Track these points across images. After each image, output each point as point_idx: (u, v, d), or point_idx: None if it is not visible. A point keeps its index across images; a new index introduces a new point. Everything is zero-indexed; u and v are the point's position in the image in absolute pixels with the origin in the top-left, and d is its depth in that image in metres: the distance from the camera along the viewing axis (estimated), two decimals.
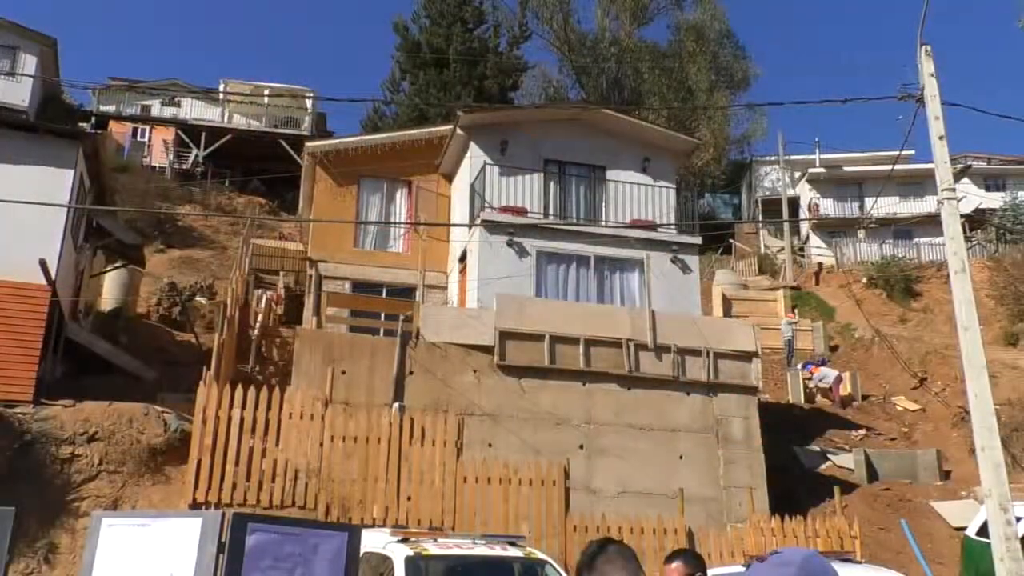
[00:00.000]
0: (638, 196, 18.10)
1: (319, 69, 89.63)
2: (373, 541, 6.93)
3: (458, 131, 18.07)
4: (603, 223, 17.72)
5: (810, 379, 21.09)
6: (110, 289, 18.67)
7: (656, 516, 12.63)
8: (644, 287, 17.01)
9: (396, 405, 12.91)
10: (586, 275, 16.92)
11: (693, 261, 17.63)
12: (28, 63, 28.53)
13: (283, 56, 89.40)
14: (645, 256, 17.15)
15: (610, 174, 18.37)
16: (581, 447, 13.80)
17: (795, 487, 15.42)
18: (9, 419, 11.36)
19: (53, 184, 13.25)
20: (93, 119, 32.41)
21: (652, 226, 17.47)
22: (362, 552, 5.65)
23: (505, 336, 14.17)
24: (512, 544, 7.41)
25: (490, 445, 13.29)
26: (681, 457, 14.24)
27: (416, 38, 33.14)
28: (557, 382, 14.15)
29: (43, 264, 12.53)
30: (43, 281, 12.67)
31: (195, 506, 10.67)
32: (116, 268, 18.51)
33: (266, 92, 33.78)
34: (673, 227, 17.93)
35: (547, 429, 13.77)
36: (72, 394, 12.77)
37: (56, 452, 11.34)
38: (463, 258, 17.69)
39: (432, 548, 6.89)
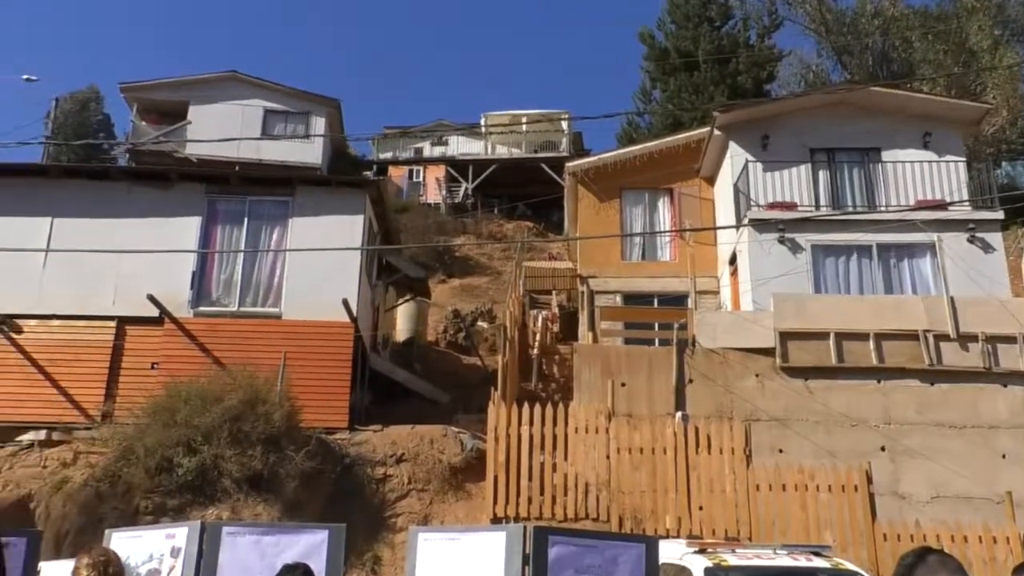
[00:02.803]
0: (921, 174, 16.64)
1: (571, 90, 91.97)
2: (669, 552, 6.88)
3: (715, 132, 17.68)
4: (883, 208, 16.48)
5: None
6: (402, 320, 20.25)
7: (981, 522, 11.42)
8: (938, 272, 15.58)
9: (679, 414, 12.80)
10: (869, 265, 15.83)
11: (995, 238, 15.88)
12: (318, 125, 31.89)
13: (537, 83, 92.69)
14: (936, 239, 15.71)
15: (886, 155, 17.07)
16: (882, 449, 12.85)
17: None
18: (331, 445, 12.67)
19: (348, 230, 14.66)
20: (374, 167, 35.48)
21: (941, 205, 15.96)
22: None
23: (786, 337, 13.58)
24: (817, 554, 7.03)
25: (780, 451, 12.77)
26: (1004, 456, 12.80)
27: (663, 45, 32.93)
28: (847, 381, 13.32)
29: (346, 303, 13.87)
30: (347, 319, 14.02)
31: (495, 520, 11.23)
32: (406, 301, 20.04)
33: (524, 120, 35.12)
34: (967, 204, 16.26)
35: (842, 431, 12.98)
36: (379, 420, 13.99)
37: (371, 473, 12.46)
38: (733, 260, 17.23)
39: (731, 559, 6.71)
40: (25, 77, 33.86)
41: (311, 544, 5.52)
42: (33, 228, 14.38)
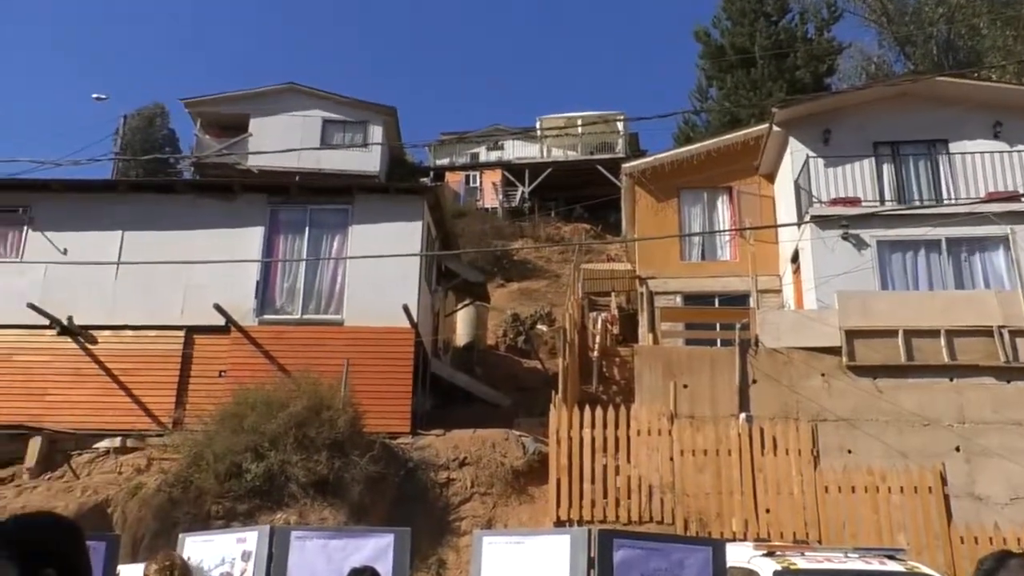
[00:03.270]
0: (991, 165, 16.14)
1: (626, 91, 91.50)
2: (737, 555, 6.79)
3: (774, 128, 17.40)
4: (951, 201, 16.02)
5: None
6: (462, 325, 20.36)
7: None
8: (1012, 266, 15.09)
9: (743, 415, 12.62)
10: (937, 260, 15.40)
11: None
12: (376, 133, 32.31)
13: (592, 85, 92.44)
14: (1009, 231, 15.22)
15: (953, 146, 16.60)
16: (957, 449, 12.47)
17: None
18: (394, 449, 12.80)
19: (407, 236, 14.81)
20: (431, 173, 35.77)
21: (1014, 196, 15.44)
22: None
23: (852, 335, 13.28)
24: (891, 558, 6.86)
25: (849, 451, 12.48)
26: None
27: (719, 42, 32.54)
28: (917, 380, 12.96)
29: (406, 309, 14.01)
30: (407, 324, 14.16)
31: (559, 523, 11.22)
32: (465, 306, 20.15)
33: (579, 122, 35.04)
34: None
35: (913, 431, 12.64)
36: (441, 424, 14.08)
37: (435, 477, 12.55)
38: (795, 258, 16.93)
39: (801, 562, 6.59)
40: (95, 96, 35.07)
41: (378, 548, 5.59)
42: (105, 242, 14.84)
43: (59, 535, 2.15)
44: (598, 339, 17.69)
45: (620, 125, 35.23)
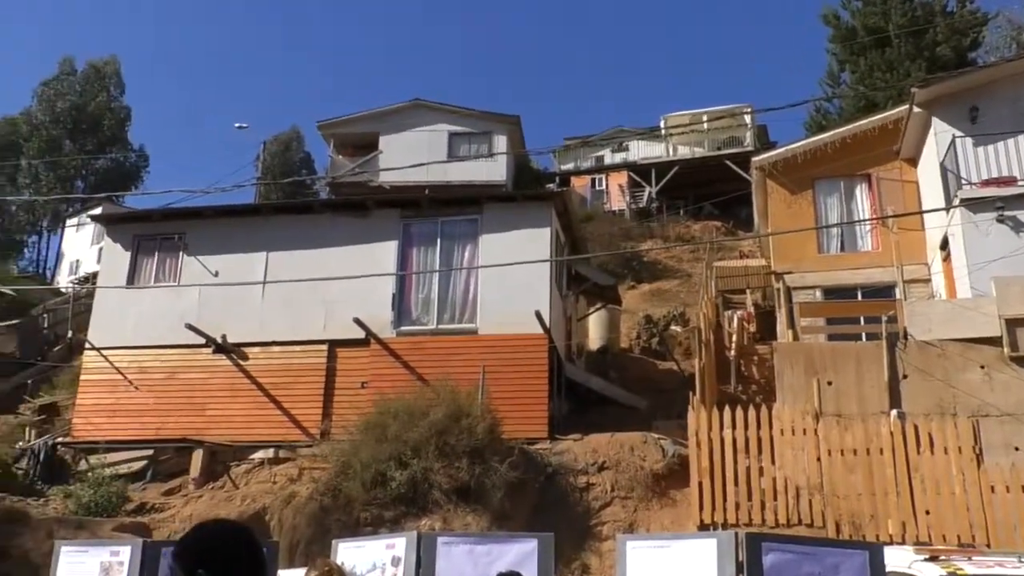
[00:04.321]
0: None
1: (751, 83, 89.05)
2: (896, 560, 6.44)
3: (915, 109, 16.52)
4: None
5: None
6: (595, 329, 20.30)
7: None
8: None
9: (894, 412, 12.01)
10: None
11: None
12: (500, 142, 32.74)
13: (716, 79, 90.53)
14: None
15: None
16: None
17: None
18: (533, 455, 12.88)
19: (536, 243, 14.91)
20: (557, 179, 35.90)
21: None
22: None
23: (1013, 324, 12.43)
24: None
25: (1016, 448, 11.68)
26: None
27: (849, 24, 31.19)
28: None
29: (538, 315, 14.09)
30: (540, 330, 14.23)
31: (703, 527, 10.98)
32: (597, 309, 20.08)
33: (704, 118, 34.34)
34: None
35: None
36: (578, 428, 14.07)
37: (574, 482, 12.54)
38: (944, 245, 15.99)
39: (968, 568, 6.18)
40: (237, 125, 37.10)
41: (522, 553, 5.64)
42: (252, 263, 15.65)
43: (228, 543, 2.30)
44: (734, 338, 17.27)
45: (747, 118, 34.30)
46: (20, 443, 15.69)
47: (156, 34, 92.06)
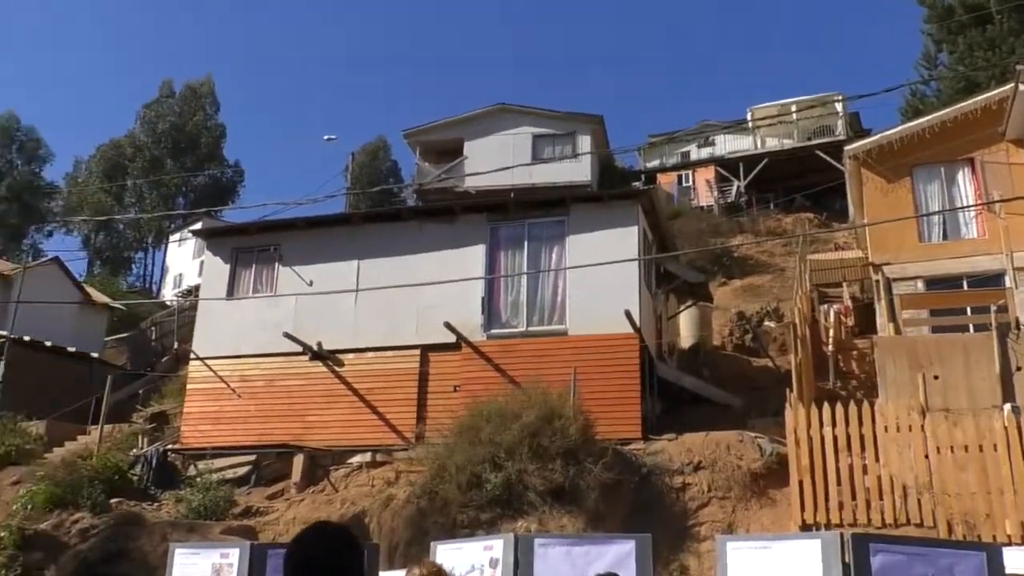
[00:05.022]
0: None
1: (841, 70, 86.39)
2: (1015, 561, 6.16)
3: (1021, 88, 15.74)
4: None
5: None
6: (686, 327, 20.01)
7: None
8: None
9: (1008, 406, 11.47)
10: None
11: None
12: (584, 143, 32.67)
13: (803, 67, 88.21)
14: None
15: None
16: None
17: None
18: (627, 455, 12.78)
19: (623, 242, 14.79)
20: (643, 176, 35.59)
21: None
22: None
23: None
24: None
25: None
26: None
27: (946, 2, 29.98)
28: None
29: (628, 314, 13.98)
30: (631, 330, 14.12)
31: (804, 527, 10.69)
32: (687, 307, 19.79)
33: (793, 108, 33.48)
34: None
35: None
36: (671, 428, 13.89)
37: (669, 482, 12.39)
38: None
39: None
40: (326, 138, 38.05)
41: (619, 554, 5.60)
42: (344, 271, 16.02)
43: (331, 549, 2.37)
44: (831, 332, 16.78)
45: (839, 106, 33.31)
46: (134, 450, 16.43)
47: (245, 52, 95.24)
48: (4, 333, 22.56)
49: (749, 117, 35.06)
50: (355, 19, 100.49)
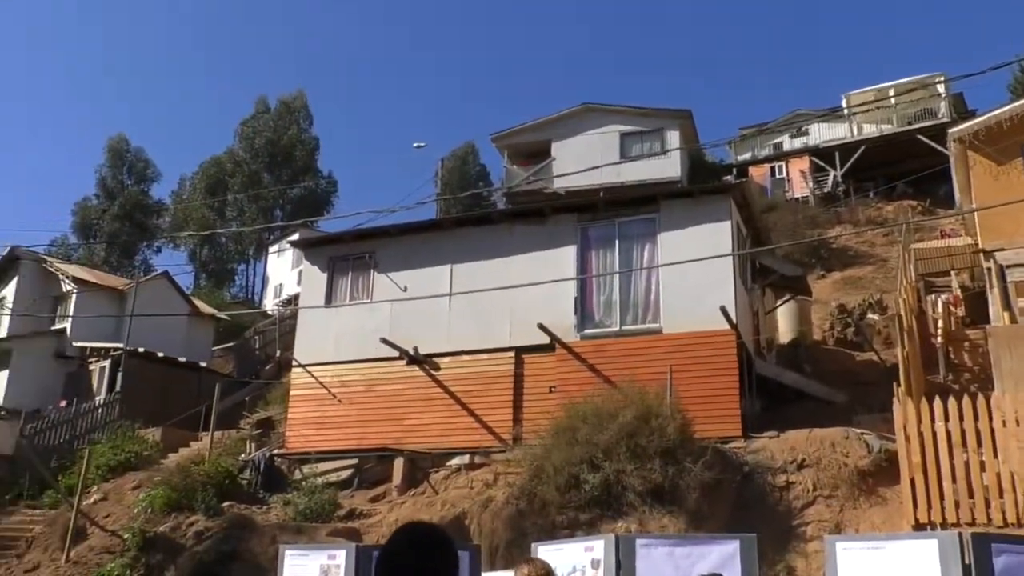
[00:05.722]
0: None
1: (941, 50, 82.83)
2: None
3: None
4: None
5: None
6: (784, 322, 19.53)
7: None
8: None
9: None
10: None
11: None
12: (672, 138, 32.23)
13: (900, 49, 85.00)
14: None
15: None
16: None
17: None
18: (727, 454, 12.55)
19: (716, 238, 14.54)
20: (734, 170, 34.89)
21: None
22: None
23: None
24: None
25: None
26: None
27: None
28: None
29: (724, 311, 13.72)
30: (727, 326, 13.86)
31: (918, 527, 10.28)
32: (785, 301, 19.31)
33: (891, 92, 32.25)
34: None
35: None
36: (772, 426, 13.57)
37: (772, 481, 12.10)
38: None
39: None
40: (416, 145, 38.62)
41: (724, 555, 5.51)
42: (437, 276, 16.23)
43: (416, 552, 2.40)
44: (940, 323, 16.11)
45: (941, 87, 31.93)
46: (242, 455, 17.05)
47: (334, 64, 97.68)
48: (120, 345, 23.75)
49: (844, 104, 33.94)
50: (435, 27, 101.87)
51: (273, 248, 45.88)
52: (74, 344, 25.21)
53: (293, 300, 32.62)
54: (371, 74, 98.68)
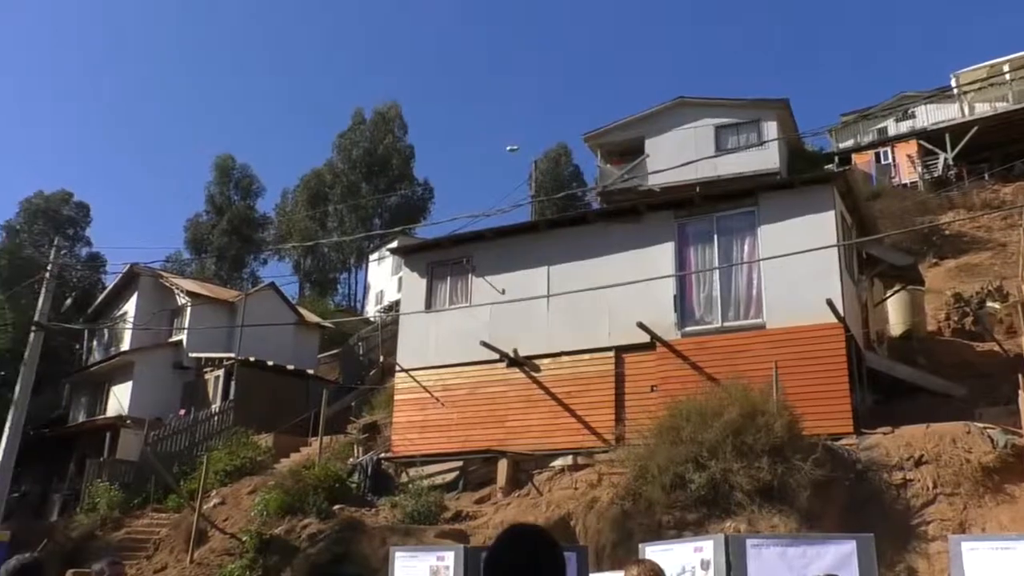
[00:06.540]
0: None
1: None
2: None
3: None
4: None
5: None
6: (895, 313, 18.78)
7: None
8: None
9: None
10: None
11: None
12: (769, 129, 31.39)
13: (1013, 21, 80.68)
14: None
15: None
16: None
17: None
18: (838, 451, 12.15)
19: (819, 228, 14.08)
20: (836, 158, 33.75)
21: None
22: None
23: None
24: None
25: None
26: None
27: None
28: None
29: (830, 303, 13.29)
30: (834, 319, 13.42)
31: None
32: (895, 292, 18.58)
33: (1006, 68, 30.61)
34: None
35: None
36: (885, 421, 13.07)
37: (888, 478, 11.66)
38: None
39: None
40: (509, 148, 38.83)
41: (840, 555, 5.34)
42: (534, 278, 16.28)
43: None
44: None
45: None
46: (351, 460, 17.49)
47: (427, 74, 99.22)
48: (233, 355, 24.72)
49: (953, 83, 32.42)
50: (523, 31, 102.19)
51: (373, 256, 46.90)
52: (190, 355, 26.37)
53: (394, 306, 33.27)
54: (461, 79, 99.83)
